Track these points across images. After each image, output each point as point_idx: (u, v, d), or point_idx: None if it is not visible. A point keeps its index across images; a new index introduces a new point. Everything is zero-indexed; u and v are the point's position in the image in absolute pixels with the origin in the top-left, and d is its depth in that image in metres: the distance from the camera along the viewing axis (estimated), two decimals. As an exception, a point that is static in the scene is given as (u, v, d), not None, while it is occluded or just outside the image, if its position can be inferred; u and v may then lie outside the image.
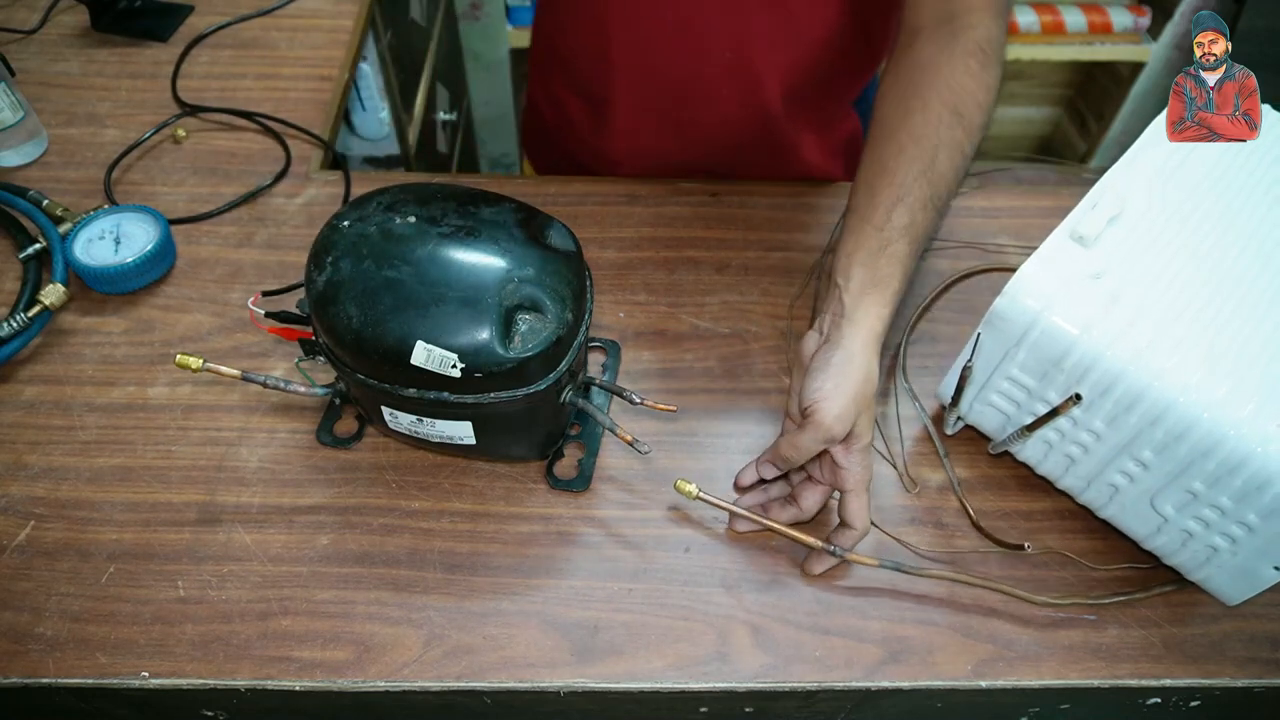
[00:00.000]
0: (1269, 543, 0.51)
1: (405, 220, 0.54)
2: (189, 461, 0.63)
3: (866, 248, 0.58)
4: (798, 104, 0.83)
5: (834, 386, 0.54)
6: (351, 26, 1.02)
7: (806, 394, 0.55)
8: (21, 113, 0.82)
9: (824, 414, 0.54)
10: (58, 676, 0.53)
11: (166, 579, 0.58)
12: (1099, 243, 0.55)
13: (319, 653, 0.55)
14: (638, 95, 0.83)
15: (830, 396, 0.54)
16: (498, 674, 0.54)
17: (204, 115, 0.89)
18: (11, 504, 0.61)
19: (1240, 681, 0.55)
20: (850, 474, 0.56)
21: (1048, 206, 0.82)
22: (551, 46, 0.90)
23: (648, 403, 0.60)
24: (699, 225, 0.80)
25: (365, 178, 0.86)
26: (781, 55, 0.79)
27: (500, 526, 0.61)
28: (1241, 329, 0.52)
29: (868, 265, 0.57)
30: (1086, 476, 0.58)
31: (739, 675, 0.55)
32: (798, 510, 0.60)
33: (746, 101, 0.82)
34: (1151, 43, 1.76)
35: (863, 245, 0.58)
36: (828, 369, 0.55)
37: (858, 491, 0.56)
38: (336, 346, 0.54)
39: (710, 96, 0.82)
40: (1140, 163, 0.59)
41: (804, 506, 0.60)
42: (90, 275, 0.71)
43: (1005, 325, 0.55)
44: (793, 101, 0.83)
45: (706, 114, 0.83)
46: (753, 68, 0.79)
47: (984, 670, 0.55)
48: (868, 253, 0.58)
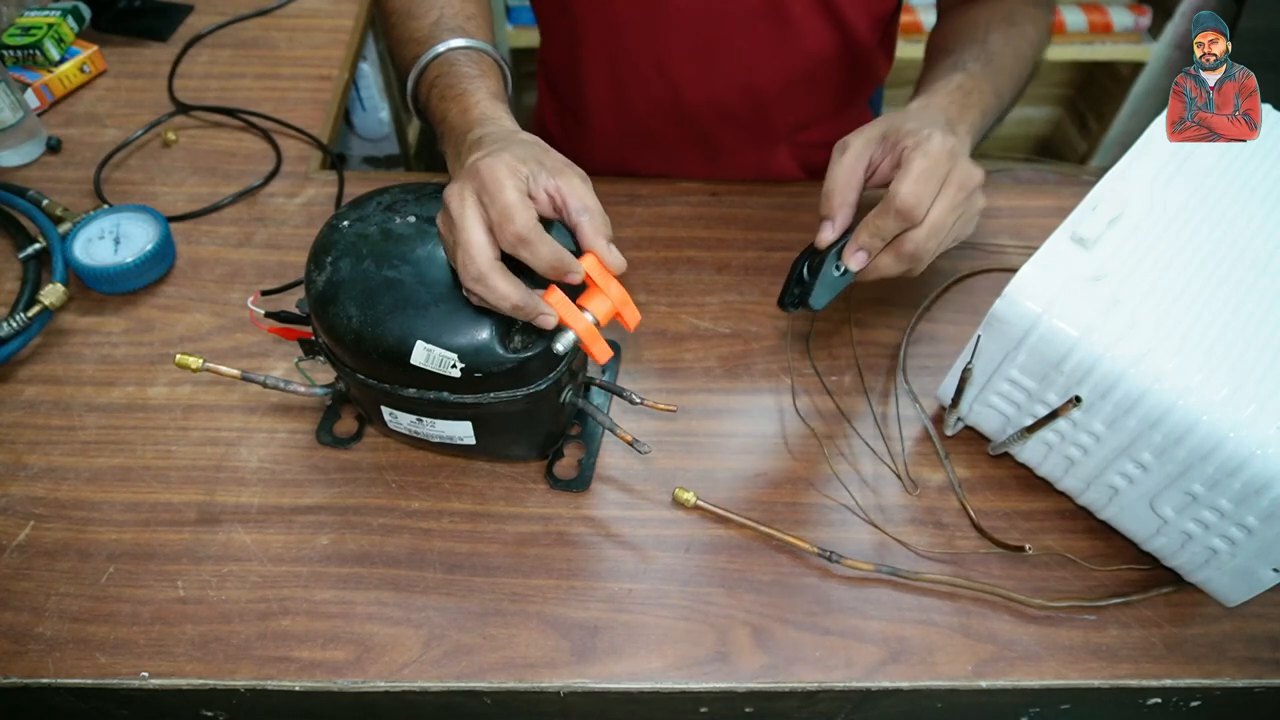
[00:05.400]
0: (1268, 545, 0.51)
1: (405, 220, 0.54)
2: (189, 461, 0.63)
3: (927, 90, 0.60)
4: (784, 125, 0.83)
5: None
6: (351, 26, 1.01)
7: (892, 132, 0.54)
8: (21, 113, 0.82)
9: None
10: (57, 677, 0.53)
11: (166, 579, 0.58)
12: (1099, 244, 0.55)
13: (319, 653, 0.55)
14: (616, 117, 0.84)
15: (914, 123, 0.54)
16: (498, 674, 0.54)
17: (204, 115, 0.89)
18: (11, 504, 0.61)
19: (1240, 682, 0.55)
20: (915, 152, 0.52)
21: (1048, 207, 0.82)
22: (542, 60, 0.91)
23: (648, 403, 0.60)
24: (699, 225, 0.80)
25: (364, 178, 0.86)
26: (768, 76, 0.79)
27: (500, 526, 0.61)
28: (1242, 331, 0.52)
29: (928, 93, 0.59)
30: (1086, 478, 0.58)
31: (739, 675, 0.55)
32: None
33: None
34: (1152, 42, 1.76)
35: (924, 91, 0.60)
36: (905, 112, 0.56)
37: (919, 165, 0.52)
38: (336, 346, 0.54)
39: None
40: (1141, 164, 0.59)
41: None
42: (90, 275, 0.71)
43: (1005, 327, 0.55)
44: (777, 122, 0.83)
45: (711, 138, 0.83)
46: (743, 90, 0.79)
47: (984, 670, 0.55)
48: (930, 88, 0.60)
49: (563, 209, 0.49)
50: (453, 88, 0.57)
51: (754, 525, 0.60)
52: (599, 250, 0.49)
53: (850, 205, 0.54)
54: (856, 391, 0.69)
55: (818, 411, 0.68)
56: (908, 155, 0.52)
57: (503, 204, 0.46)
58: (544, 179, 0.49)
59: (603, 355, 0.51)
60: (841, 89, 0.83)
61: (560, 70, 0.86)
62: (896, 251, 0.54)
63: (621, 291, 0.51)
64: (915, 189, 0.51)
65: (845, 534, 0.61)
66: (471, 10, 0.61)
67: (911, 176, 0.51)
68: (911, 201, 0.51)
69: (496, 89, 0.57)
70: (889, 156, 0.54)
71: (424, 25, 0.60)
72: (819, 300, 0.56)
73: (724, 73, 0.78)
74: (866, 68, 0.83)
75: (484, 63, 0.58)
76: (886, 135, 0.54)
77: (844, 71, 0.81)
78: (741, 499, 0.62)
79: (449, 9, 0.60)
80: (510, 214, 0.46)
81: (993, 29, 0.65)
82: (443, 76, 0.58)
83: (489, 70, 0.58)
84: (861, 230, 0.54)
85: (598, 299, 0.51)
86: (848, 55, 0.79)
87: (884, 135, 0.54)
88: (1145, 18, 1.75)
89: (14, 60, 0.90)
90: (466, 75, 0.57)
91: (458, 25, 0.60)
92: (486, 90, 0.56)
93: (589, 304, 0.51)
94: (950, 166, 0.52)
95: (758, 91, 0.79)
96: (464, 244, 0.47)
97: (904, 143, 0.52)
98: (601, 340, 0.51)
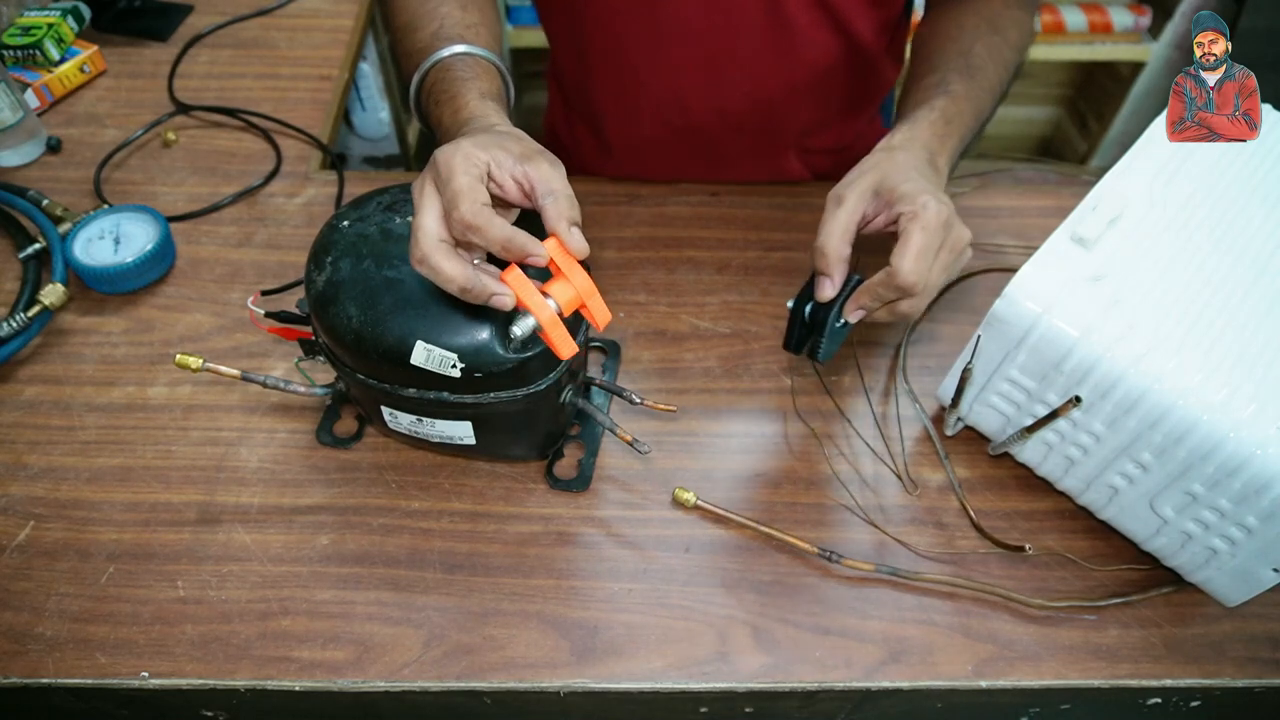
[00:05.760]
0: (1268, 545, 0.51)
1: (405, 220, 0.55)
2: (189, 461, 0.63)
3: (912, 115, 0.61)
4: (797, 132, 0.83)
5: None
6: (351, 26, 1.02)
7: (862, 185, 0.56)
8: (21, 113, 0.82)
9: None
10: (57, 676, 0.53)
11: (166, 579, 0.58)
12: (1099, 245, 0.55)
13: (319, 653, 0.55)
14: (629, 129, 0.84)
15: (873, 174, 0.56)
16: (498, 674, 0.54)
17: (204, 115, 0.89)
18: (11, 504, 0.61)
19: (1240, 681, 0.55)
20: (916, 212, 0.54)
21: (1048, 206, 0.82)
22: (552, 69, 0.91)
23: (648, 403, 0.60)
24: (699, 225, 0.80)
25: (364, 178, 0.86)
26: (773, 85, 0.79)
27: (500, 526, 0.61)
28: (1242, 332, 0.52)
29: (903, 116, 0.61)
30: (1086, 478, 0.58)
31: (739, 675, 0.55)
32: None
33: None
34: (1152, 42, 1.76)
35: (903, 114, 0.62)
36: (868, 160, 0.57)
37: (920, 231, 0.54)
38: (336, 346, 0.54)
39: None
40: (1140, 164, 0.59)
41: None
42: (90, 275, 0.71)
43: (1005, 327, 0.55)
44: (792, 128, 0.83)
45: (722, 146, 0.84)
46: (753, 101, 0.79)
47: (984, 670, 0.55)
48: (914, 114, 0.61)
49: (531, 195, 0.49)
50: (445, 91, 0.57)
51: (754, 525, 0.60)
52: (560, 233, 0.48)
53: (846, 260, 0.56)
54: (856, 391, 0.69)
55: (818, 411, 0.68)
56: (906, 226, 0.53)
57: (451, 191, 0.46)
58: (510, 164, 0.48)
59: (565, 348, 0.50)
60: (849, 96, 0.83)
61: (570, 80, 0.86)
62: (891, 311, 0.57)
63: (588, 282, 0.49)
64: (916, 266, 0.53)
65: (845, 534, 0.61)
66: (472, 19, 0.62)
67: (912, 254, 0.53)
68: (913, 279, 0.53)
69: (488, 89, 0.58)
70: (883, 214, 0.56)
71: (424, 36, 0.61)
72: (827, 354, 0.59)
73: (730, 83, 0.78)
74: (874, 74, 0.83)
75: (479, 66, 0.59)
76: (879, 191, 0.56)
77: (851, 78, 0.81)
78: (741, 499, 0.62)
79: (449, 19, 0.61)
80: (456, 200, 0.46)
81: (978, 38, 0.66)
82: (438, 83, 0.58)
83: (483, 73, 0.58)
84: (863, 293, 0.56)
85: (560, 285, 0.49)
86: (854, 62, 0.78)
87: (876, 191, 0.56)
88: (1145, 18, 1.75)
89: (14, 60, 0.90)
90: (459, 78, 0.57)
91: (456, 34, 0.60)
92: (477, 91, 0.57)
93: (551, 289, 0.49)
94: (945, 235, 0.54)
95: (764, 100, 0.79)
96: (413, 228, 0.48)
97: (900, 208, 0.54)
98: (563, 329, 0.49)
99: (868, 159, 0.58)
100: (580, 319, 0.54)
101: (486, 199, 0.47)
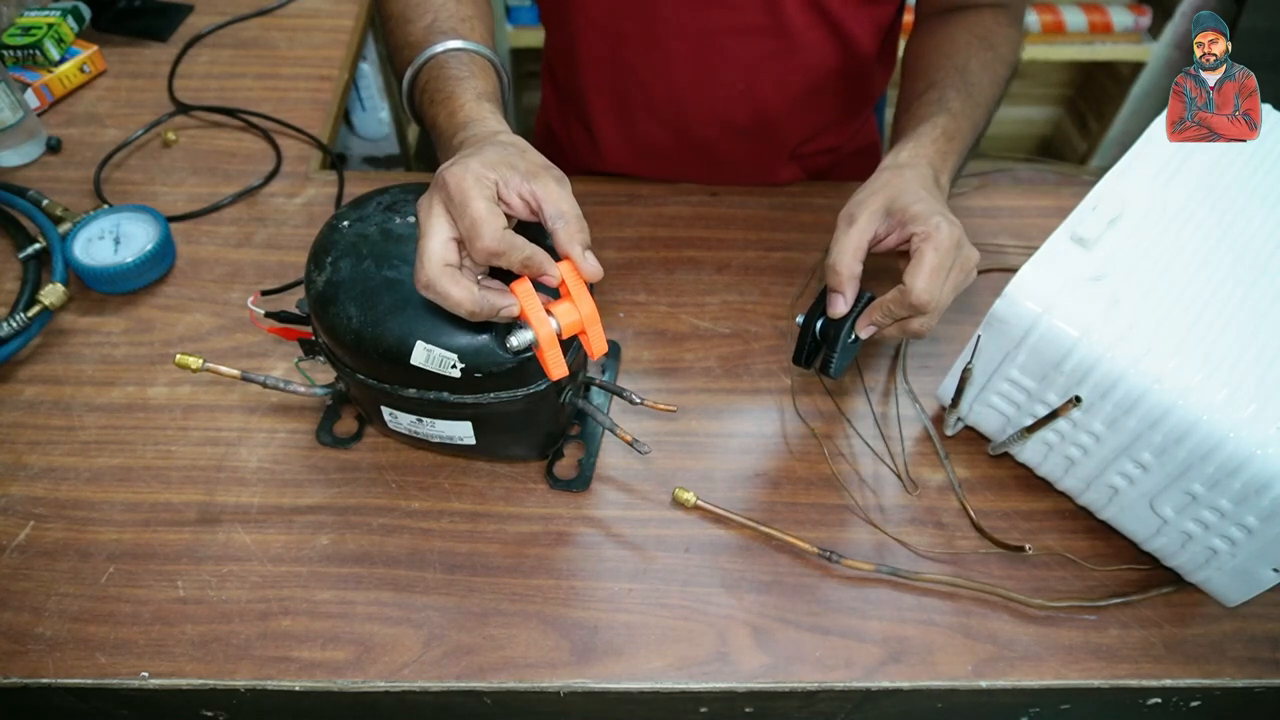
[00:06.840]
0: (1268, 545, 0.51)
1: (405, 220, 0.55)
2: (189, 461, 0.63)
3: (915, 132, 0.62)
4: (784, 134, 0.83)
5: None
6: (351, 26, 1.02)
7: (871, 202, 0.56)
8: (21, 113, 0.82)
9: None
10: (57, 677, 0.53)
11: (166, 579, 0.58)
12: (1099, 245, 0.55)
13: (319, 653, 0.55)
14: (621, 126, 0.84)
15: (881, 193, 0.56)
16: (498, 674, 0.54)
17: (204, 115, 0.89)
18: (11, 504, 0.61)
19: (1240, 681, 0.55)
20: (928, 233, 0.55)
21: (1048, 206, 0.82)
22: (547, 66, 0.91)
23: (648, 403, 0.60)
24: (699, 225, 0.80)
25: (364, 178, 0.86)
26: (766, 88, 0.79)
27: (500, 526, 0.61)
28: (1242, 332, 0.52)
29: (905, 132, 0.62)
30: (1086, 478, 0.58)
31: (739, 675, 0.55)
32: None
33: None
34: (1152, 42, 1.76)
35: (904, 130, 0.63)
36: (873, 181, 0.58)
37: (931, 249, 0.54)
38: (336, 346, 0.54)
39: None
40: (1140, 164, 0.59)
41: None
42: (90, 275, 0.71)
43: (1005, 327, 0.55)
44: (780, 132, 0.83)
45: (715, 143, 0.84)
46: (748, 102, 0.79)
47: (984, 670, 0.55)
48: (916, 131, 0.62)
49: (539, 214, 0.49)
50: (440, 90, 0.56)
51: (754, 525, 0.60)
52: (575, 257, 0.48)
53: (857, 277, 0.57)
54: (856, 391, 0.69)
55: (818, 411, 0.68)
56: (919, 247, 0.54)
57: (471, 218, 0.45)
58: (517, 183, 0.48)
59: (556, 369, 0.50)
60: (844, 100, 0.83)
61: (565, 78, 0.86)
62: (903, 327, 0.57)
63: (593, 310, 0.49)
64: (929, 285, 0.53)
65: (845, 534, 0.61)
66: (467, 13, 0.61)
67: (925, 274, 0.53)
68: (926, 298, 0.53)
69: (485, 89, 0.57)
70: (895, 233, 0.56)
71: (418, 29, 0.60)
72: (839, 369, 0.59)
73: (725, 86, 0.78)
74: (868, 78, 0.83)
75: (475, 63, 0.58)
76: (890, 211, 0.56)
77: (846, 82, 0.81)
78: (741, 499, 0.62)
79: (444, 12, 0.60)
80: (478, 229, 0.45)
81: (972, 54, 0.66)
82: (433, 80, 0.57)
83: (479, 71, 0.58)
84: (875, 310, 0.57)
85: (566, 307, 0.49)
86: (849, 66, 0.79)
87: (887, 210, 0.56)
88: (1145, 18, 1.75)
89: (14, 60, 0.90)
90: (455, 77, 0.56)
91: (451, 28, 0.59)
92: (474, 91, 0.56)
93: (555, 310, 0.49)
94: (956, 256, 0.55)
95: (760, 104, 0.79)
96: (418, 252, 0.47)
97: (913, 228, 0.54)
98: (558, 350, 0.49)
99: (877, 177, 0.58)
100: (576, 340, 0.54)
101: (504, 222, 0.47)
